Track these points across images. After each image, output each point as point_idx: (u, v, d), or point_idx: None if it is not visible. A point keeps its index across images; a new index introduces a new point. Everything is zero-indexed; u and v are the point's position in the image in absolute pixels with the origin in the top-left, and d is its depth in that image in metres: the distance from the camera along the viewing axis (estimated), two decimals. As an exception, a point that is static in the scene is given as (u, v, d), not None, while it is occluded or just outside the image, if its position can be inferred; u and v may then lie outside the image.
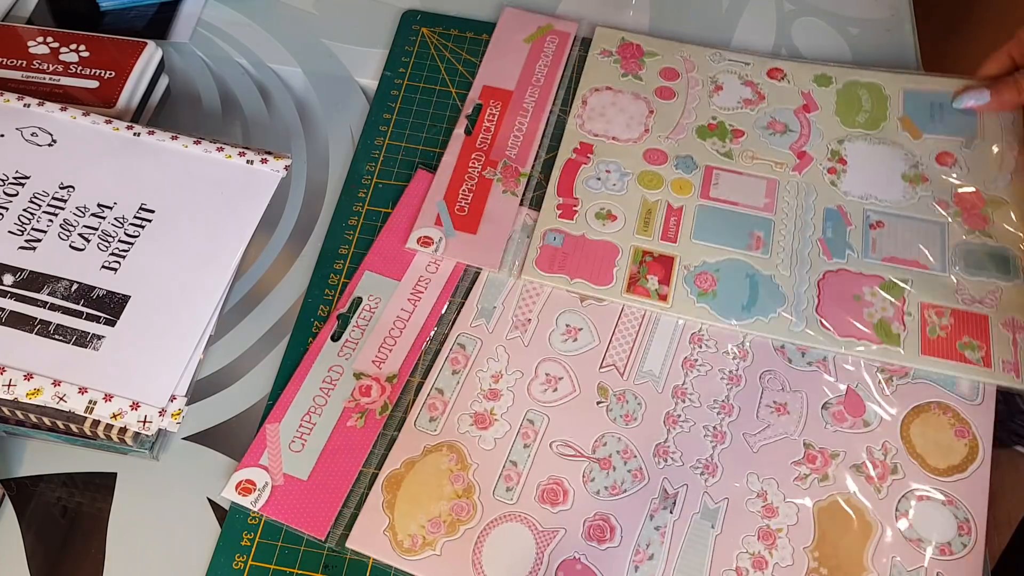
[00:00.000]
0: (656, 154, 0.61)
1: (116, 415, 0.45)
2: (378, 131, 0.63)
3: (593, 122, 0.63)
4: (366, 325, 0.54)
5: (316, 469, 0.49)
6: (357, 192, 0.60)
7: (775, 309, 0.55)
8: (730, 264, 0.56)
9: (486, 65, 0.66)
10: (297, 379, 0.52)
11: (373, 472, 0.49)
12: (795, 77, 0.66)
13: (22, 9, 0.69)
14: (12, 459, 0.50)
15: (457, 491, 0.49)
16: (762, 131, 0.63)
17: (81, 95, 0.59)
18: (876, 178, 0.60)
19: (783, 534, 0.48)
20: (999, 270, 0.56)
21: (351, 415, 0.51)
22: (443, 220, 0.58)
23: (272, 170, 0.54)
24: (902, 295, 0.55)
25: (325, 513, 0.48)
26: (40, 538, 0.48)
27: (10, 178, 0.52)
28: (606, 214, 0.59)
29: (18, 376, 0.45)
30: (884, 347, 0.53)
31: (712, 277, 0.56)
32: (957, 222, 0.58)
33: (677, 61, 0.67)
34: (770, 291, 0.55)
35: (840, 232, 0.58)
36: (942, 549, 0.48)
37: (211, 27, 0.69)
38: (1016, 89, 0.61)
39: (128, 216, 0.52)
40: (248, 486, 0.48)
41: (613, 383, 0.52)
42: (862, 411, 0.52)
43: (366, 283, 0.56)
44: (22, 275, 0.49)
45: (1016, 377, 0.52)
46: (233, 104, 0.65)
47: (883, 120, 0.63)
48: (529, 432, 0.51)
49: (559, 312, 0.55)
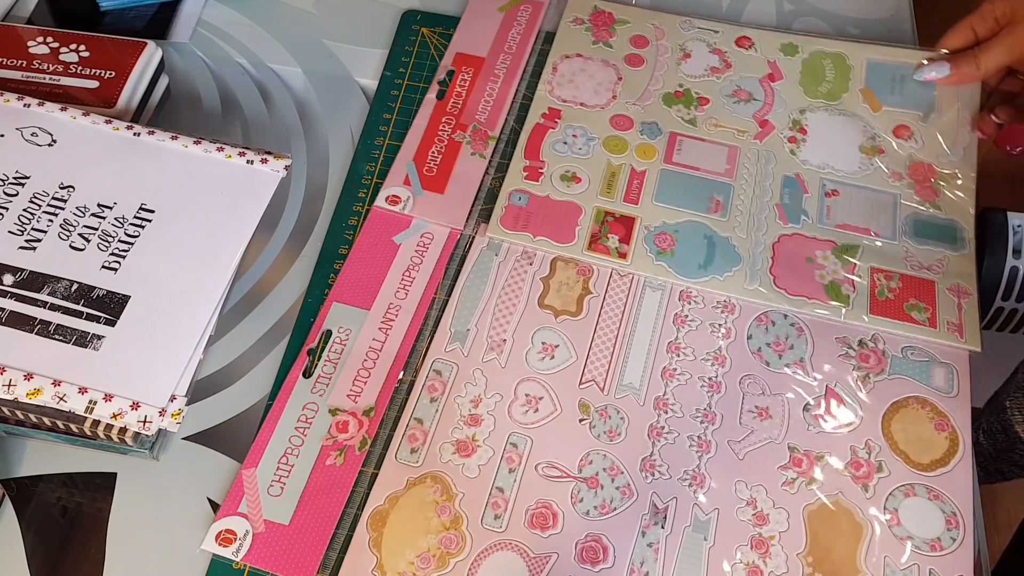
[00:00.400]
0: (622, 120, 0.63)
1: (116, 415, 0.45)
2: (378, 131, 0.63)
3: (562, 88, 0.65)
4: (338, 359, 0.53)
5: (297, 512, 0.48)
6: (357, 192, 0.60)
7: (730, 268, 0.56)
8: (689, 226, 0.58)
9: (460, 33, 0.68)
10: (271, 420, 0.50)
11: (356, 511, 0.48)
12: (762, 46, 0.67)
13: (22, 9, 0.69)
14: (12, 459, 0.50)
15: (444, 523, 0.48)
16: (727, 99, 0.64)
17: (81, 95, 0.59)
18: (834, 148, 0.62)
19: (775, 541, 0.48)
20: (947, 240, 0.58)
21: (329, 453, 0.50)
22: (411, 180, 0.59)
23: (272, 170, 0.54)
24: (853, 259, 0.57)
25: (310, 558, 0.46)
26: (40, 538, 0.48)
27: (10, 178, 0.52)
28: (571, 176, 0.60)
29: (18, 376, 0.45)
30: (834, 305, 0.55)
31: (671, 237, 0.57)
32: (909, 193, 0.60)
33: (648, 29, 0.68)
34: (726, 252, 0.57)
35: (797, 199, 0.60)
36: (932, 545, 0.48)
37: (211, 27, 0.69)
38: (975, 64, 0.62)
39: (128, 216, 0.52)
40: (228, 536, 0.47)
41: (594, 399, 0.52)
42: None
43: (335, 314, 0.54)
44: (22, 275, 0.49)
45: (960, 337, 0.54)
46: (233, 104, 0.65)
47: (844, 91, 0.65)
48: (513, 456, 0.50)
49: (534, 330, 0.54)
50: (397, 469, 0.49)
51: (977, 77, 0.63)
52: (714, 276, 0.56)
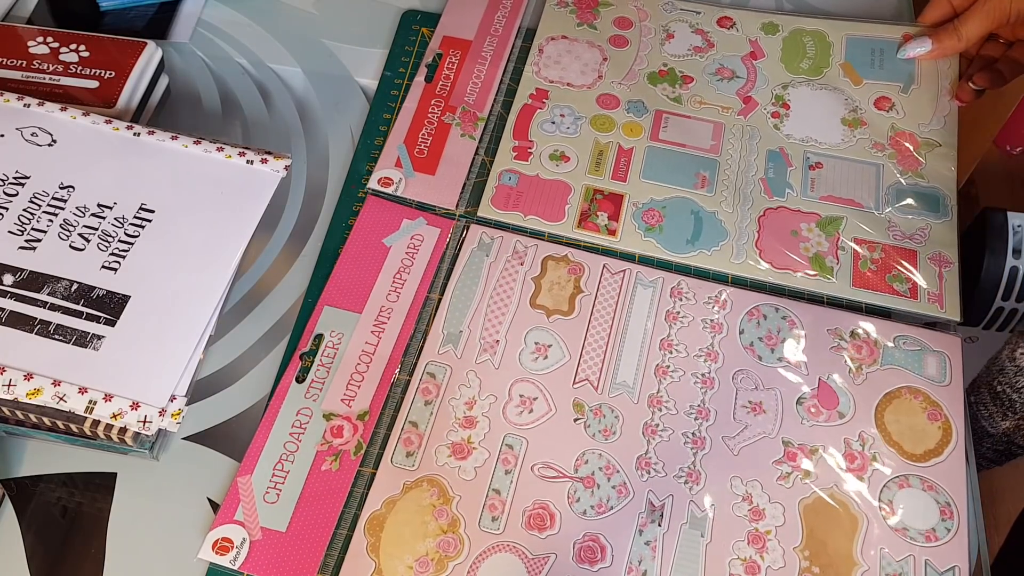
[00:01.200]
0: (609, 99, 0.64)
1: (116, 415, 0.45)
2: (378, 131, 0.63)
3: (549, 69, 0.65)
4: (331, 363, 0.52)
5: (294, 519, 0.47)
6: (357, 192, 0.60)
7: (718, 243, 0.57)
8: (676, 201, 0.59)
9: (447, 16, 0.69)
10: (265, 426, 0.50)
11: (354, 515, 0.48)
12: (743, 25, 0.68)
13: (22, 9, 0.69)
14: (12, 459, 0.50)
15: (442, 526, 0.48)
16: (710, 77, 0.65)
17: (81, 95, 0.59)
18: (817, 122, 0.63)
19: (772, 536, 0.48)
20: (929, 209, 0.59)
21: (325, 458, 0.49)
22: (403, 162, 0.60)
23: (272, 170, 0.54)
24: (837, 231, 0.58)
25: (308, 565, 0.46)
26: (40, 538, 0.48)
27: (10, 178, 0.52)
28: (559, 155, 0.61)
29: (18, 376, 0.45)
30: (819, 278, 0.56)
31: (659, 213, 0.58)
32: (892, 163, 0.61)
33: (631, 11, 0.69)
34: (713, 226, 0.58)
35: (781, 173, 0.61)
36: (927, 536, 0.48)
37: (211, 27, 0.69)
38: (956, 36, 0.63)
39: (128, 216, 0.52)
40: (225, 544, 0.46)
41: (588, 398, 0.52)
42: (836, 403, 0.52)
43: (326, 318, 0.54)
44: (22, 275, 0.49)
45: (940, 308, 0.55)
46: (233, 104, 0.65)
47: (825, 66, 0.66)
48: (509, 457, 0.50)
49: (527, 330, 0.54)
50: (393, 473, 0.49)
51: (959, 48, 0.64)
52: (702, 251, 0.57)
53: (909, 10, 0.71)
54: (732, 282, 0.57)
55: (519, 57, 0.67)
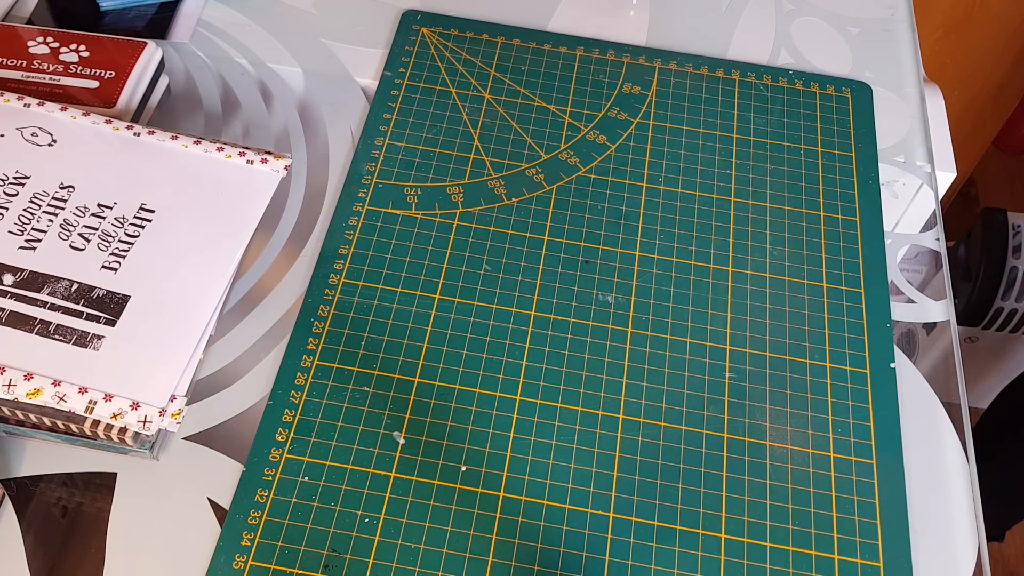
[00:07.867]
0: None
1: (116, 415, 0.45)
2: (378, 131, 0.63)
3: None
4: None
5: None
6: (357, 192, 0.60)
7: None
8: None
9: None
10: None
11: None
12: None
13: (22, 9, 0.69)
14: (12, 459, 0.50)
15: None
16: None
17: (81, 95, 0.59)
18: None
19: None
20: None
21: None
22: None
23: (272, 170, 0.54)
24: None
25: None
26: (40, 538, 0.48)
27: (10, 178, 0.52)
28: None
29: (18, 376, 0.45)
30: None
31: None
32: None
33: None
34: None
35: None
36: None
37: (211, 27, 0.69)
38: None
39: (128, 216, 0.52)
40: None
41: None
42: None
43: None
44: (22, 275, 0.49)
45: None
46: (233, 104, 0.65)
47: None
48: None
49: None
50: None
51: None
52: None
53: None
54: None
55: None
